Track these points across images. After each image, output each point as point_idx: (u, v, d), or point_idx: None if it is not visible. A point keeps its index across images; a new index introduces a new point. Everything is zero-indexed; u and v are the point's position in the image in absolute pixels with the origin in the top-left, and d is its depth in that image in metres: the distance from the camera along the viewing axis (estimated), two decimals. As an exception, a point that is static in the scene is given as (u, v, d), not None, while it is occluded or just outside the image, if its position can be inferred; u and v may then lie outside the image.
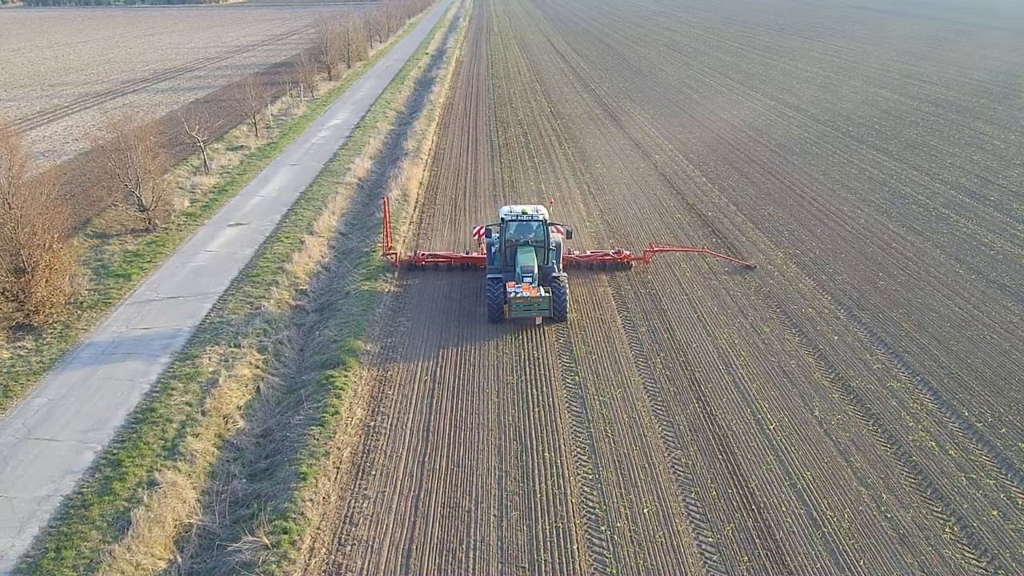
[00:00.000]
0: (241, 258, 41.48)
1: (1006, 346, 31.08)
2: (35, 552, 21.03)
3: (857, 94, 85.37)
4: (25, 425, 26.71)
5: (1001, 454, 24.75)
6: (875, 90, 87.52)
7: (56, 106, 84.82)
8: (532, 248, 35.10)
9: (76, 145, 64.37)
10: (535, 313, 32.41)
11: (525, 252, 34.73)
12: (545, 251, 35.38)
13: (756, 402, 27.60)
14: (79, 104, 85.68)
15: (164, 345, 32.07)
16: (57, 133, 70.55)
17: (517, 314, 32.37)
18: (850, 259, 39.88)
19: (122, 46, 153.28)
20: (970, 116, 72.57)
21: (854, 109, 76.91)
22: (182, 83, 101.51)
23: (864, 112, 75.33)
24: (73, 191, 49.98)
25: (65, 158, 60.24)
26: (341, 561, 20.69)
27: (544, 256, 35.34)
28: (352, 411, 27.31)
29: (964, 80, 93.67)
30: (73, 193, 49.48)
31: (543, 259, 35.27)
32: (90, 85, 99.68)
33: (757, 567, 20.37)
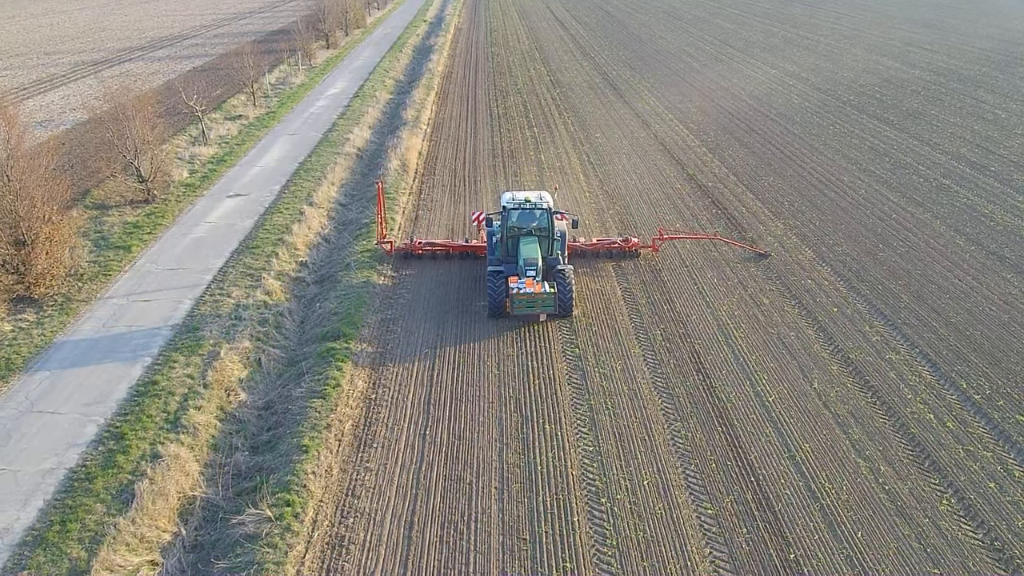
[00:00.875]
0: (241, 229, 41.45)
1: (1005, 318, 31.17)
2: (40, 525, 21.21)
3: (858, 62, 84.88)
4: (28, 398, 26.82)
5: (999, 426, 24.91)
6: (876, 58, 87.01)
7: (52, 75, 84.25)
8: (535, 238, 33.02)
9: (74, 115, 64.04)
10: (539, 310, 30.75)
11: (528, 243, 32.75)
12: (549, 241, 33.30)
13: (755, 374, 27.72)
14: (75, 73, 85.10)
15: (165, 317, 32.13)
16: (54, 103, 70.16)
17: (520, 311, 30.64)
18: (850, 230, 39.87)
19: (117, 13, 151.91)
20: (971, 85, 72.22)
21: (855, 78, 76.52)
22: (179, 51, 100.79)
23: (865, 81, 74.95)
24: (71, 162, 49.83)
25: (63, 128, 59.97)
26: (344, 533, 20.88)
27: (548, 247, 33.25)
28: (353, 383, 27.43)
29: (966, 48, 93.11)
30: (72, 164, 49.32)
31: (547, 250, 33.18)
32: (86, 53, 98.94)
33: (756, 538, 20.57)
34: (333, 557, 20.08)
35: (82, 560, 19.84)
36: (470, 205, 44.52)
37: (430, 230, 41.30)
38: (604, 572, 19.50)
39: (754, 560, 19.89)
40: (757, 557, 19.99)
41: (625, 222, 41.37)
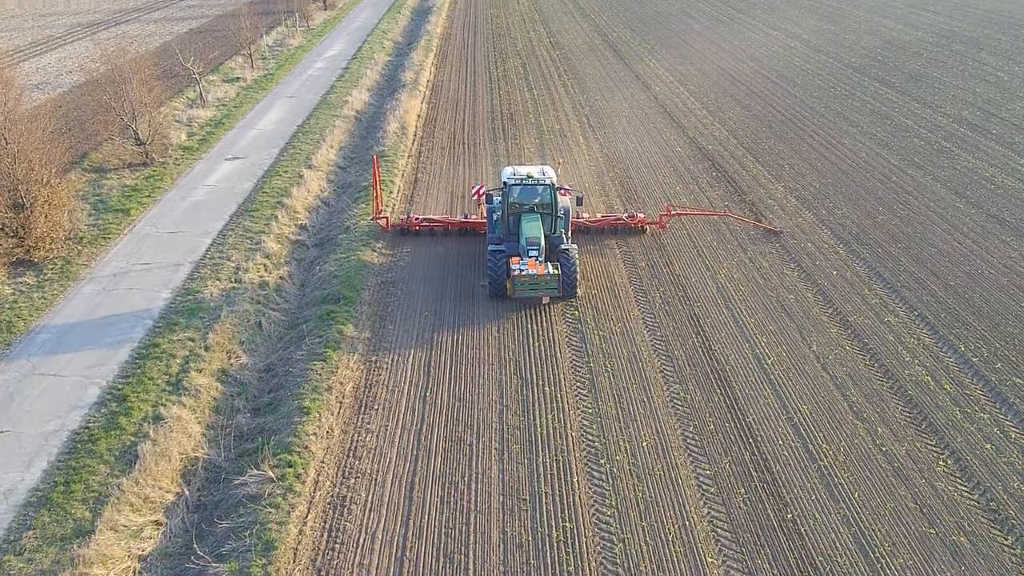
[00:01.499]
0: (240, 192, 41.35)
1: (1004, 281, 31.21)
2: (44, 486, 21.40)
3: (860, 24, 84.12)
4: (30, 361, 26.93)
5: (996, 389, 25.04)
6: (879, 20, 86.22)
7: (48, 37, 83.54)
8: (538, 216, 31.53)
9: (70, 78, 63.59)
10: (541, 292, 29.38)
11: (530, 221, 31.27)
12: (552, 218, 31.75)
13: (754, 337, 27.82)
14: (71, 35, 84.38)
15: (165, 280, 32.17)
16: (50, 65, 69.63)
17: (521, 294, 29.27)
18: (850, 193, 39.78)
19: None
20: (974, 47, 71.65)
21: (857, 40, 75.89)
22: (174, 12, 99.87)
23: (867, 43, 74.35)
24: (69, 125, 49.55)
25: (59, 91, 59.57)
26: (345, 494, 21.07)
27: (551, 224, 31.77)
28: (353, 346, 27.51)
29: (969, 9, 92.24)
30: (69, 127, 49.06)
31: (550, 227, 31.72)
32: (81, 15, 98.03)
33: (753, 499, 20.77)
34: (335, 517, 20.29)
35: (86, 520, 20.05)
36: (469, 169, 44.37)
37: (429, 193, 41.20)
38: (603, 532, 19.71)
39: (752, 520, 20.10)
40: (755, 517, 20.20)
41: (625, 186, 41.26)
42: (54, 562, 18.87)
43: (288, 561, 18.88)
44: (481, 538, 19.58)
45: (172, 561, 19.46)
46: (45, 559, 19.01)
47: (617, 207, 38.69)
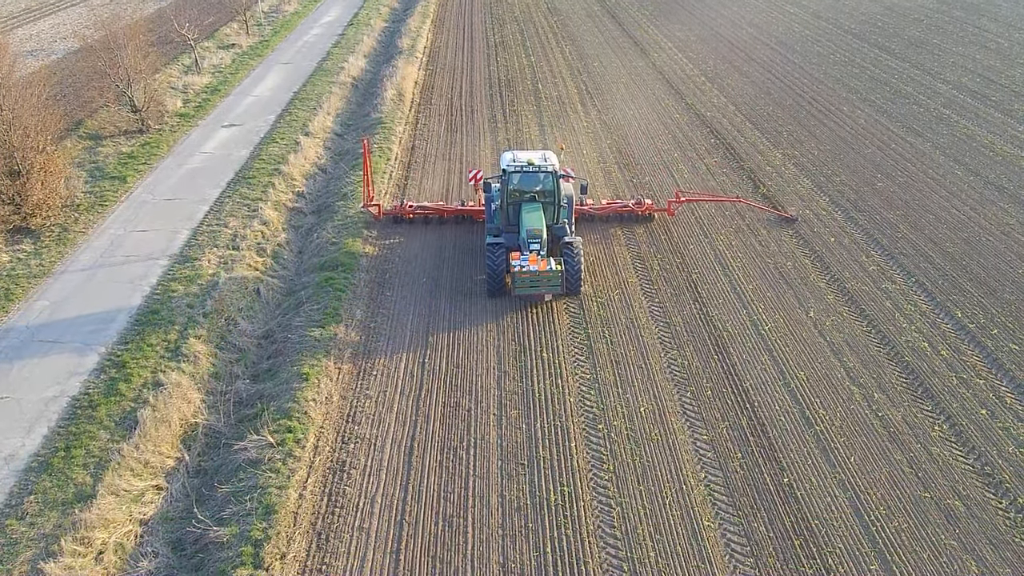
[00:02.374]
0: (237, 159, 41.18)
1: (1001, 248, 31.23)
2: (45, 451, 21.51)
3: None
4: (29, 328, 26.95)
5: (992, 355, 25.15)
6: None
7: (41, 3, 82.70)
8: (539, 205, 29.35)
9: (64, 44, 63.02)
10: (544, 290, 27.37)
11: (531, 211, 29.07)
12: (555, 208, 29.64)
13: (752, 303, 27.87)
14: (65, 1, 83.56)
15: (163, 248, 32.12)
16: (44, 32, 68.98)
17: (521, 291, 27.23)
18: (848, 160, 39.69)
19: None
20: (975, 13, 71.16)
21: (856, 5, 75.34)
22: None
23: (867, 9, 73.82)
24: (64, 92, 49.18)
25: (54, 57, 59.05)
26: (345, 459, 21.21)
27: (553, 214, 29.70)
28: (352, 313, 27.56)
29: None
30: (64, 94, 48.70)
31: (552, 217, 29.68)
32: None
33: (750, 463, 20.93)
34: (335, 481, 20.44)
35: (87, 485, 20.18)
36: (467, 136, 44.18)
37: (426, 160, 41.03)
38: (600, 496, 19.87)
39: (748, 484, 20.27)
40: (751, 481, 20.37)
41: (623, 152, 41.12)
42: (56, 526, 19.01)
43: (288, 525, 19.04)
44: (479, 502, 19.73)
45: (173, 525, 19.62)
46: (47, 523, 19.16)
47: (615, 175, 38.54)
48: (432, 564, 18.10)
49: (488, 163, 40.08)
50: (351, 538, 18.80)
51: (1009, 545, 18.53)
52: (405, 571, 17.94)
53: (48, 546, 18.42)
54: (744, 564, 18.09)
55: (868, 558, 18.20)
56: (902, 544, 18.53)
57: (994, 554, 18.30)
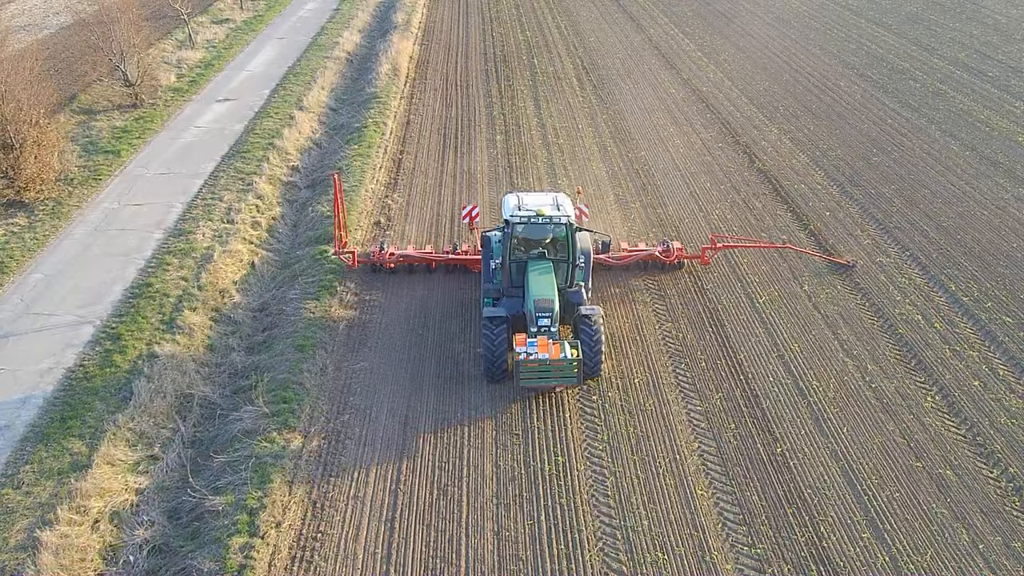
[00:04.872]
0: (231, 134, 41.05)
1: (996, 222, 31.26)
2: (41, 422, 21.56)
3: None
4: (23, 300, 26.94)
5: (985, 327, 25.23)
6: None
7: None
8: (550, 265, 23.88)
9: (57, 19, 62.61)
10: (555, 383, 21.97)
11: (540, 273, 23.56)
12: (569, 267, 24.07)
13: (746, 276, 27.90)
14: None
15: (157, 221, 32.08)
16: (36, 6, 68.47)
17: (528, 383, 21.76)
18: (844, 135, 39.63)
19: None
20: (972, -11, 70.85)
21: (854, -19, 74.94)
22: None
23: (864, -16, 73.44)
24: (57, 66, 48.88)
25: (46, 32, 58.67)
26: (340, 429, 21.28)
27: (567, 275, 24.16)
28: (347, 285, 27.56)
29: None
30: (57, 68, 48.41)
31: (565, 279, 24.15)
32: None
33: (743, 434, 21.03)
34: (330, 452, 20.52)
35: (83, 455, 20.23)
36: (462, 111, 44.01)
37: (421, 136, 40.90)
38: (595, 466, 19.97)
39: (741, 454, 20.38)
40: (744, 451, 20.47)
41: (619, 128, 41.01)
42: (52, 495, 19.07)
43: (284, 494, 19.13)
44: (474, 471, 19.82)
45: (169, 494, 19.69)
46: (43, 492, 19.22)
47: (611, 149, 38.40)
48: (427, 532, 18.21)
49: (483, 151, 39.99)
50: (346, 507, 18.89)
51: (999, 514, 18.66)
52: (400, 539, 18.04)
53: (44, 515, 18.47)
54: (737, 532, 18.21)
55: (860, 526, 18.32)
56: (894, 513, 18.66)
57: (985, 522, 18.43)
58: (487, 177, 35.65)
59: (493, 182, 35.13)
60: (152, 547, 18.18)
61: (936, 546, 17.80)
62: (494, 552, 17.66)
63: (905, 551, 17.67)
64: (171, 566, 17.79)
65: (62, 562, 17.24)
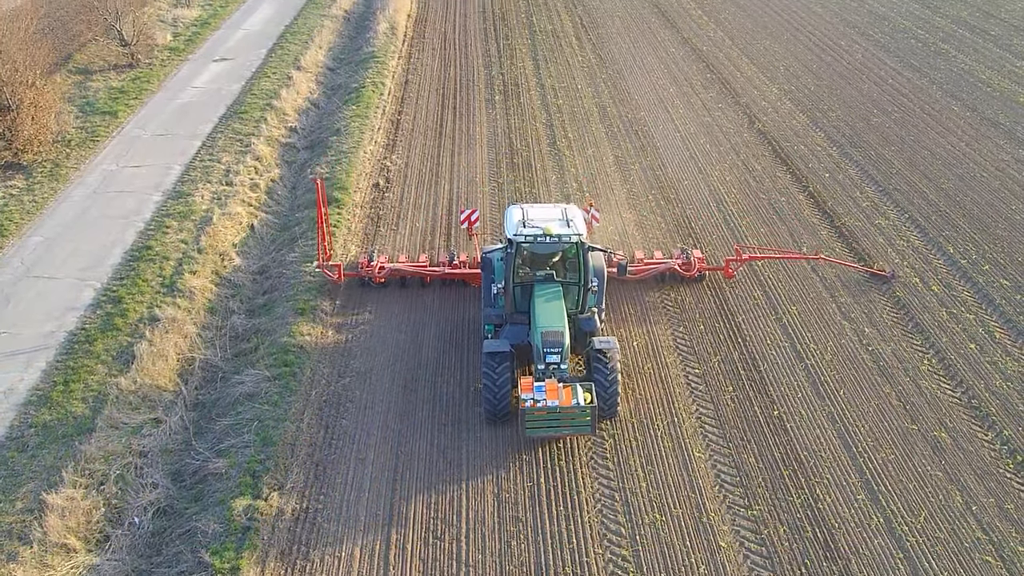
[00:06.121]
0: (228, 94, 40.80)
1: (995, 184, 31.25)
2: (44, 385, 21.70)
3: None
4: (23, 263, 26.98)
5: (983, 290, 25.33)
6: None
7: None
8: (559, 289, 20.99)
9: (50, -25, 61.90)
10: (568, 432, 19.43)
11: (548, 299, 20.65)
12: (580, 290, 21.30)
13: (745, 239, 27.93)
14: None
15: (156, 183, 32.01)
16: (29, -38, 67.67)
17: (535, 432, 19.23)
18: (845, 96, 39.45)
19: None
20: (976, -55, 70.08)
21: (857, -63, 74.08)
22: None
23: (867, -59, 72.60)
24: (52, 25, 48.43)
25: (40, -11, 58.05)
26: (341, 392, 21.44)
27: (577, 299, 21.40)
28: (347, 248, 27.61)
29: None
30: (52, 28, 47.96)
31: (575, 302, 21.40)
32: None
33: (741, 396, 21.22)
34: (331, 414, 20.70)
35: (87, 418, 20.41)
36: (461, 70, 43.71)
37: (420, 94, 40.66)
38: (594, 428, 20.14)
39: (739, 416, 20.58)
40: (742, 414, 20.67)
41: (618, 87, 40.77)
42: (57, 458, 19.27)
43: (286, 456, 19.33)
44: (473, 435, 19.99)
45: (172, 457, 19.89)
46: (48, 455, 19.42)
47: (611, 110, 38.22)
48: (428, 494, 18.43)
49: (482, 111, 39.78)
50: (348, 469, 19.11)
51: (993, 476, 18.89)
52: (401, 501, 18.27)
53: (49, 477, 18.69)
54: (733, 494, 18.44)
55: (855, 488, 18.56)
56: (889, 475, 18.88)
57: (978, 484, 18.66)
58: (486, 139, 35.53)
59: (492, 144, 35.02)
60: (157, 509, 18.43)
61: (930, 508, 18.06)
62: (494, 513, 17.91)
63: (899, 512, 17.92)
64: (176, 528, 18.06)
65: (68, 524, 17.45)
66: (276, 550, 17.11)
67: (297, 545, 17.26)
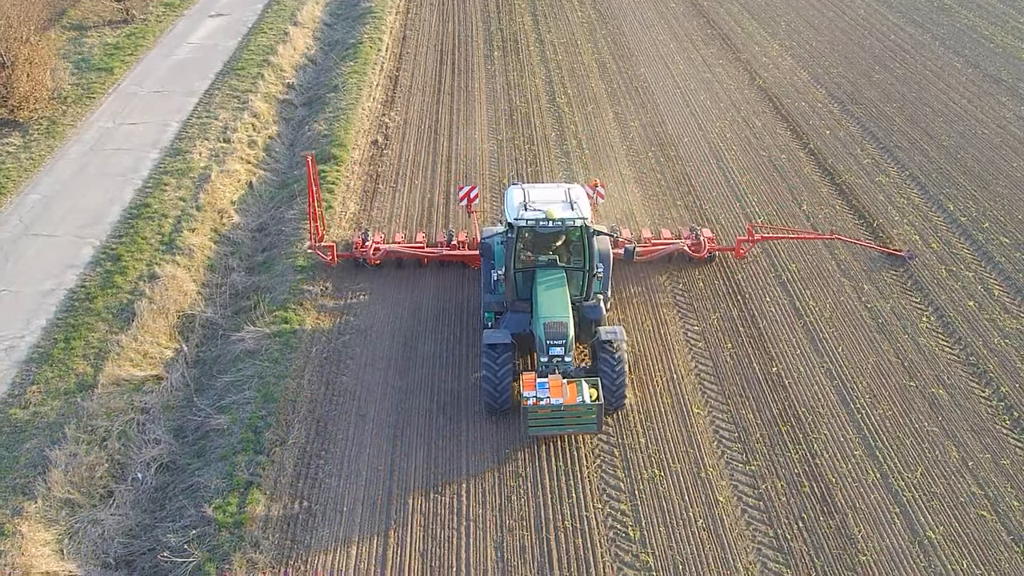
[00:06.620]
0: (225, 50, 40.42)
1: (996, 141, 31.12)
2: (45, 343, 21.72)
3: None
4: (22, 221, 26.90)
5: (982, 247, 25.33)
6: None
7: None
8: (562, 275, 19.90)
9: (42, -71, 61.01)
10: (572, 430, 18.61)
11: (551, 286, 19.60)
12: (585, 276, 20.20)
13: (745, 196, 27.89)
14: None
15: (153, 141, 31.81)
16: (21, -85, 66.70)
17: (538, 431, 18.47)
18: (846, 52, 39.14)
19: None
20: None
21: None
22: None
23: None
24: (44, -21, 47.84)
25: (32, -57, 57.23)
26: (341, 349, 21.50)
27: (583, 285, 20.28)
28: (345, 205, 27.55)
29: None
30: (44, -19, 47.38)
31: (580, 288, 20.30)
32: None
33: (740, 353, 21.31)
34: (331, 371, 20.78)
35: (88, 375, 20.48)
36: (459, 26, 43.29)
37: (418, 50, 40.29)
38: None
39: (738, 373, 20.69)
40: (740, 371, 20.77)
41: (618, 43, 40.42)
42: (59, 415, 19.36)
43: (288, 412, 19.45)
44: (473, 391, 20.07)
45: (174, 413, 20.01)
46: (50, 412, 19.50)
47: (610, 66, 37.90)
48: (428, 450, 18.57)
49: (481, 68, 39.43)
50: (349, 425, 19.24)
51: (989, 432, 19.04)
52: (402, 456, 18.42)
53: (52, 434, 18.79)
54: (732, 450, 18.59)
55: (852, 444, 18.72)
56: (886, 431, 19.03)
57: (975, 440, 18.81)
58: (485, 95, 35.27)
59: (491, 100, 34.78)
60: (159, 465, 18.59)
61: (926, 463, 18.22)
62: (495, 469, 18.06)
63: (896, 468, 18.09)
64: (178, 483, 18.22)
65: (71, 479, 17.62)
66: (278, 505, 17.28)
67: (299, 500, 17.43)
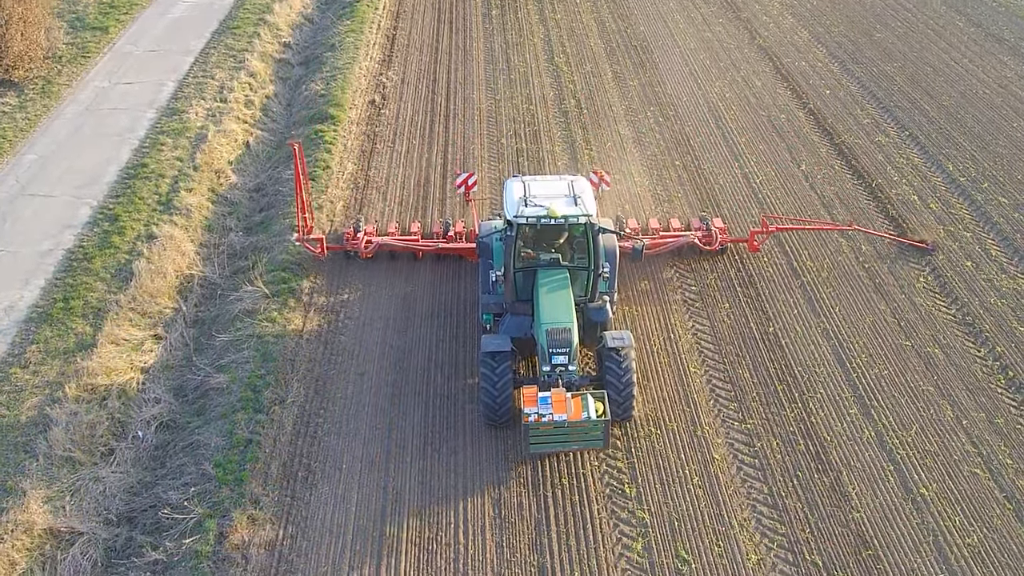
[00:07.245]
0: (220, 8, 40.02)
1: (997, 101, 30.96)
2: (44, 303, 21.75)
3: None
4: (18, 181, 26.81)
5: (981, 208, 25.31)
6: None
7: None
8: (565, 275, 18.72)
9: None
10: (577, 447, 17.42)
11: (553, 287, 18.49)
12: (590, 276, 18.90)
13: (743, 156, 27.81)
14: None
15: (149, 100, 31.62)
16: None
17: (540, 448, 17.14)
18: (847, 10, 38.83)
19: None
20: None
21: None
22: None
23: None
24: (37, -64, 47.24)
25: (24, -101, 56.44)
26: (339, 308, 21.57)
27: (587, 285, 19.05)
28: (343, 166, 27.47)
29: None
30: (37, -62, 46.80)
31: (584, 289, 19.08)
32: None
33: (737, 313, 21.38)
34: (329, 331, 20.88)
35: (88, 334, 20.53)
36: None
37: (415, 9, 39.92)
38: (591, 344, 20.33)
39: (735, 332, 20.78)
40: (737, 330, 20.85)
41: (617, 2, 40.03)
42: (59, 374, 19.43)
43: (286, 371, 19.56)
44: (470, 349, 20.14)
45: (173, 373, 20.12)
46: (50, 371, 19.58)
47: (610, 25, 37.57)
48: (426, 408, 18.70)
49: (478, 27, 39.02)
50: (348, 384, 19.35)
51: (984, 391, 19.16)
52: (400, 414, 18.55)
53: (53, 393, 18.89)
54: (728, 408, 18.72)
55: (848, 402, 18.84)
56: (881, 389, 19.15)
57: (969, 399, 18.94)
58: (483, 55, 35.04)
59: (489, 61, 34.55)
60: (160, 423, 18.72)
61: (921, 422, 18.36)
62: (491, 428, 18.17)
63: (891, 426, 18.23)
64: (179, 441, 18.36)
65: (72, 438, 17.74)
66: (278, 462, 17.44)
67: (299, 458, 17.58)
